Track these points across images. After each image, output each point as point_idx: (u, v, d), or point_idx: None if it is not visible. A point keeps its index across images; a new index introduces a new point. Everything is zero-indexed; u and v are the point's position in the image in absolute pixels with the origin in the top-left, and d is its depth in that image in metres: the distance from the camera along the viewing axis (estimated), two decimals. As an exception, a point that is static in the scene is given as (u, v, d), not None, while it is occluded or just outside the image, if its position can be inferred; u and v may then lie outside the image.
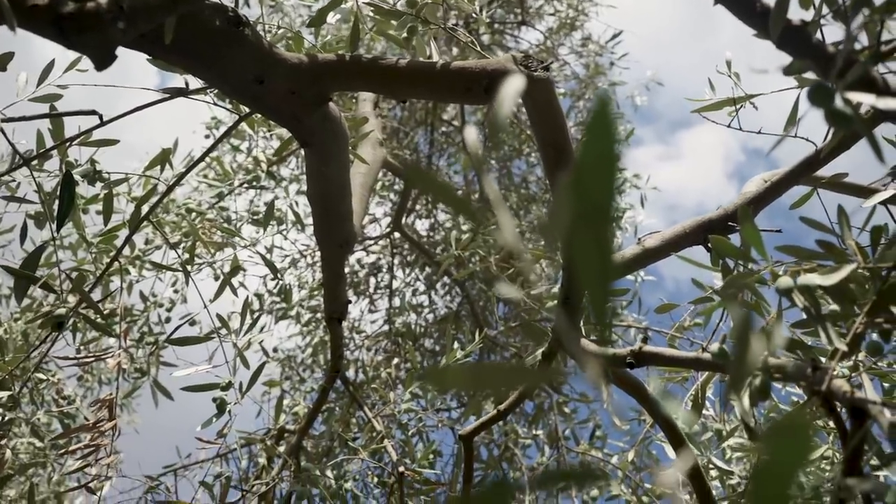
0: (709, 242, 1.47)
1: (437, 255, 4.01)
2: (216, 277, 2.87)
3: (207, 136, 3.65)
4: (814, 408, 0.86)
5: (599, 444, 3.13)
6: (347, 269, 4.16)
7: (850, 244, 0.93)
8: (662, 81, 4.75)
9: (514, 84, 0.39)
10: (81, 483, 1.99)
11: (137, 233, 1.99)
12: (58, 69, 1.60)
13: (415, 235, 4.41)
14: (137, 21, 0.91)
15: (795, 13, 0.85)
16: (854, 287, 0.88)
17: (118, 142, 1.70)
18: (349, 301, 2.16)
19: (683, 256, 1.12)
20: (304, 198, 3.29)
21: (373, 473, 2.68)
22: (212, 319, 1.96)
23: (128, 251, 2.36)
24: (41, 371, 2.29)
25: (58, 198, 1.58)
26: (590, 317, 1.68)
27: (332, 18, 1.62)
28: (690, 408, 1.46)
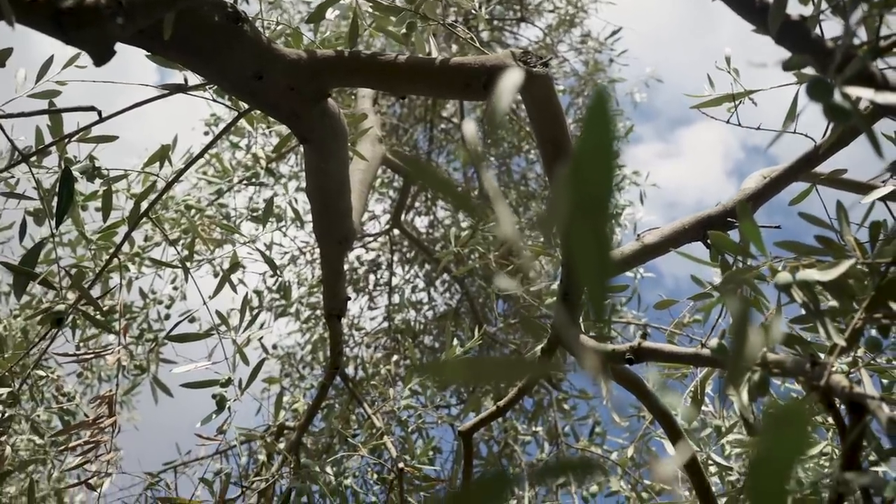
0: (708, 238, 1.47)
1: (437, 252, 4.01)
2: (215, 274, 2.88)
3: (206, 133, 3.65)
4: (813, 403, 0.86)
5: (599, 441, 3.13)
6: (347, 266, 4.16)
7: (849, 240, 0.93)
8: (662, 78, 4.75)
9: (513, 78, 0.39)
10: (81, 480, 2.00)
11: (137, 229, 1.99)
12: (56, 65, 1.60)
13: (414, 232, 4.41)
14: (136, 16, 0.91)
15: (794, 9, 0.85)
16: (853, 283, 0.88)
17: (117, 138, 1.70)
18: (348, 298, 2.16)
19: (682, 252, 1.12)
20: (304, 195, 3.29)
21: (372, 470, 2.68)
22: (211, 316, 1.96)
23: (127, 248, 2.36)
24: (41, 368, 2.29)
25: (57, 194, 1.58)
26: (589, 313, 1.68)
27: (331, 14, 1.62)
28: (690, 404, 1.46)
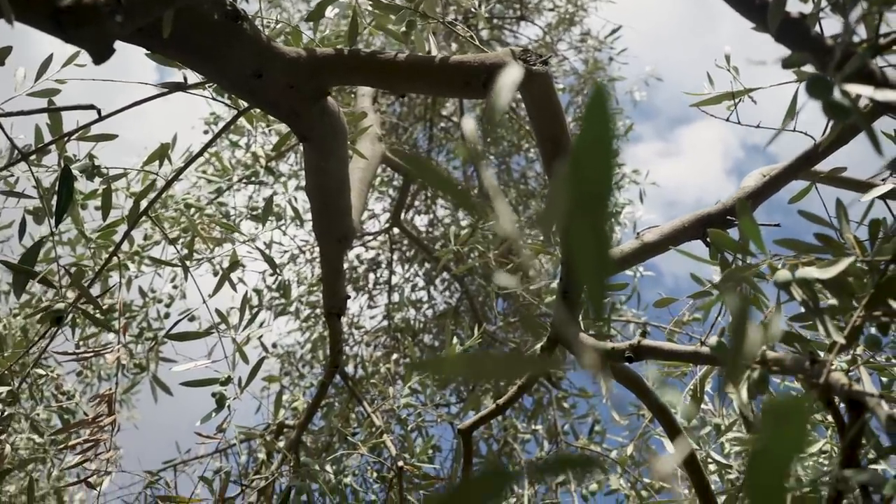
0: (707, 237, 1.47)
1: (436, 251, 4.01)
2: (215, 273, 2.88)
3: (206, 132, 3.65)
4: (812, 401, 0.86)
5: (598, 439, 3.13)
6: (346, 265, 4.16)
7: (849, 238, 0.93)
8: (661, 77, 4.74)
9: (512, 74, 0.39)
10: (81, 478, 2.00)
11: (136, 228, 1.99)
12: (56, 64, 1.60)
13: (414, 231, 4.41)
14: (135, 14, 0.91)
15: (794, 6, 0.85)
16: (852, 280, 0.88)
17: (116, 136, 1.70)
18: (348, 296, 2.17)
19: (682, 250, 1.12)
20: (303, 194, 3.29)
21: (372, 468, 2.68)
22: (211, 315, 1.96)
23: (127, 246, 2.36)
24: (40, 366, 2.29)
25: (56, 193, 1.58)
26: (589, 312, 1.68)
27: (331, 13, 1.62)
28: (689, 402, 1.46)
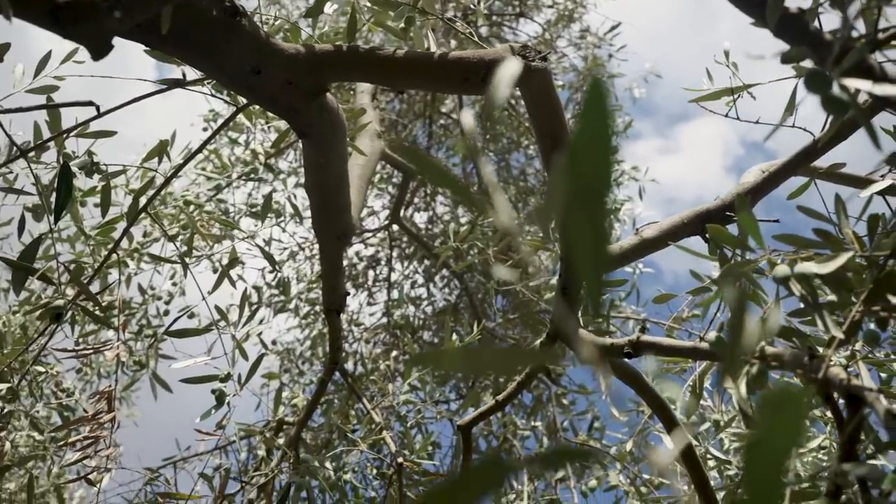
0: (706, 233, 1.47)
1: (436, 248, 4.01)
2: (214, 270, 2.87)
3: (205, 129, 3.65)
4: (810, 395, 0.87)
5: (598, 436, 3.14)
6: (346, 262, 4.16)
7: (847, 233, 0.93)
8: (661, 74, 4.74)
9: (511, 68, 0.39)
10: (81, 475, 2.00)
11: (135, 225, 1.99)
12: (55, 60, 1.60)
13: (413, 228, 4.41)
14: (133, 10, 0.91)
15: (793, 1, 0.85)
16: (851, 276, 0.88)
17: (115, 133, 1.70)
18: (347, 293, 2.17)
19: (681, 246, 1.12)
20: (303, 191, 3.29)
21: (372, 465, 2.69)
22: (210, 312, 1.96)
23: (126, 243, 2.36)
24: (40, 364, 2.29)
25: (55, 190, 1.58)
26: (588, 308, 1.68)
27: (330, 9, 1.62)
28: (689, 397, 1.46)
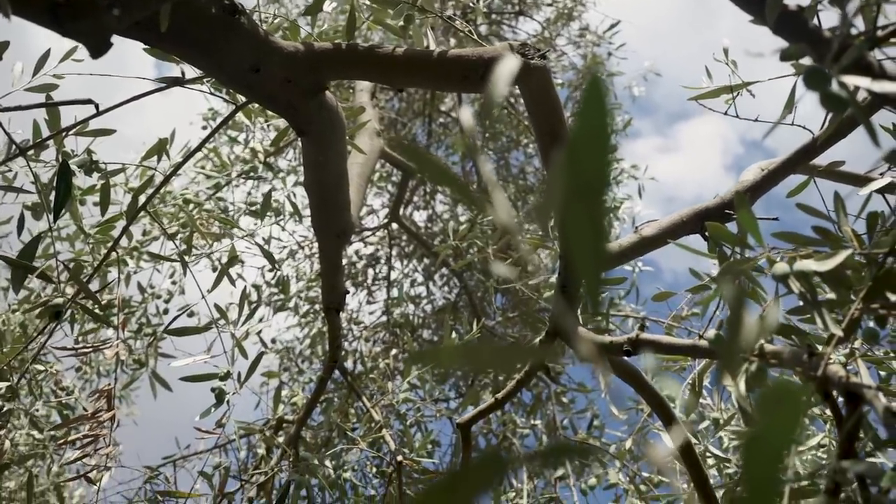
0: (706, 231, 1.47)
1: (435, 246, 4.01)
2: (214, 268, 2.87)
3: (204, 128, 3.65)
4: (810, 392, 0.87)
5: (597, 434, 3.14)
6: (345, 261, 4.16)
7: (846, 231, 0.93)
8: (660, 72, 4.74)
9: (509, 64, 0.39)
10: (80, 474, 2.00)
11: (135, 223, 1.99)
12: (53, 59, 1.60)
13: (413, 226, 4.41)
14: (132, 8, 0.91)
15: (792, -2, 0.85)
16: (850, 273, 0.88)
17: (115, 131, 1.70)
18: (347, 292, 2.16)
19: (680, 244, 1.12)
20: (302, 189, 3.28)
21: (371, 463, 2.69)
22: (210, 310, 1.96)
23: (125, 242, 2.36)
24: (39, 362, 2.29)
25: (54, 188, 1.57)
26: (587, 306, 1.68)
27: (329, 7, 1.62)
28: (688, 395, 1.46)
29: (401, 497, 2.19)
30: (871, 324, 0.90)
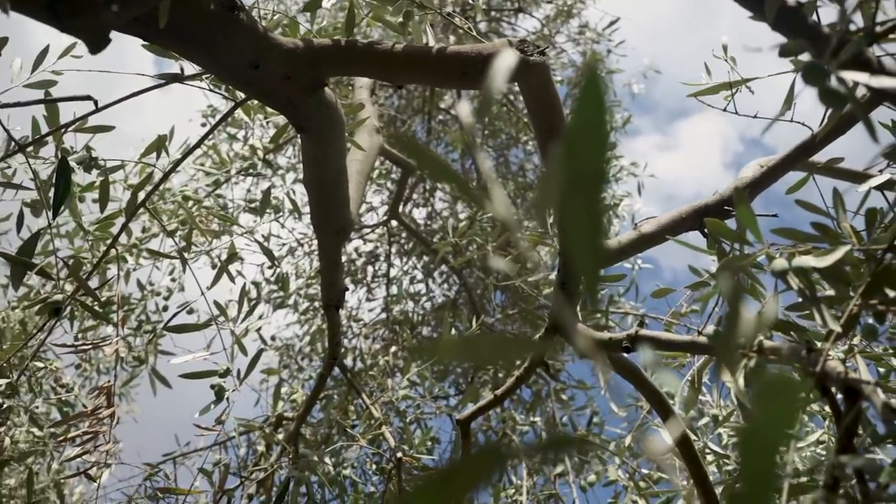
0: (705, 227, 1.47)
1: (435, 244, 4.01)
2: (213, 265, 2.87)
3: (204, 125, 3.65)
4: (808, 388, 0.87)
5: (597, 430, 3.15)
6: (345, 258, 4.16)
7: (845, 227, 0.93)
8: (660, 70, 4.74)
9: (507, 59, 0.39)
10: (80, 471, 2.00)
11: (134, 220, 1.99)
12: (52, 55, 1.59)
13: (412, 223, 4.41)
14: (131, 4, 0.91)
15: (791, -5, 0.85)
16: (849, 269, 0.88)
17: (114, 128, 1.70)
18: (346, 289, 2.16)
19: (679, 240, 1.12)
20: (301, 186, 3.28)
21: (371, 460, 2.69)
22: (209, 307, 1.96)
23: (124, 239, 2.36)
24: (39, 359, 2.29)
25: (54, 185, 1.57)
26: (586, 303, 1.68)
27: (328, 4, 1.61)
28: (687, 392, 1.46)
29: (400, 494, 2.19)
30: (870, 320, 0.90)
